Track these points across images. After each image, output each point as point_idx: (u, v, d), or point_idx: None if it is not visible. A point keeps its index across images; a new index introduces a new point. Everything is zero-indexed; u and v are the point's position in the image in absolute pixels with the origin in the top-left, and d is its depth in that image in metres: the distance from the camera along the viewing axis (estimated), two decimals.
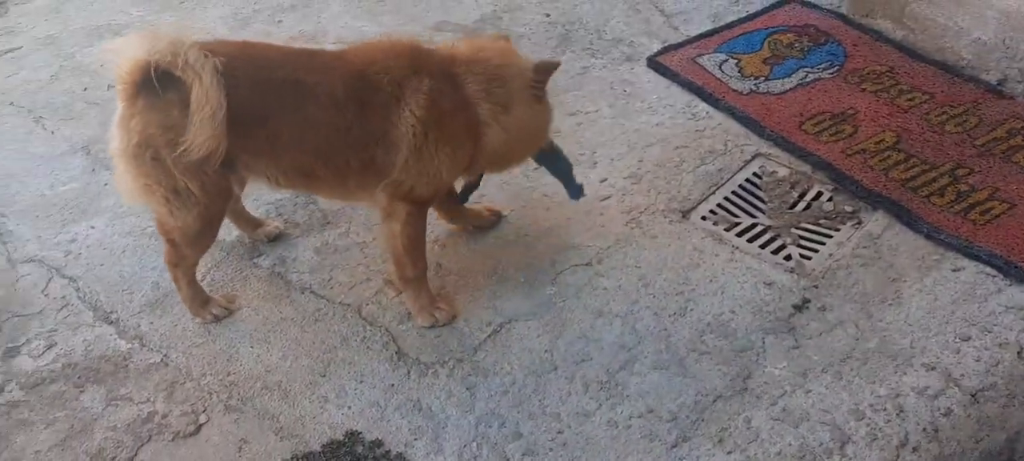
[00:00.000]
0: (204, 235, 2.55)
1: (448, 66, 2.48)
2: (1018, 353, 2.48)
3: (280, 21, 4.32)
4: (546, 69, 2.56)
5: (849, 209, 3.06)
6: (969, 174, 3.14)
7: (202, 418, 2.44)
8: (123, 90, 2.31)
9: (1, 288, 2.88)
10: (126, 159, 2.38)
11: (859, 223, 3.00)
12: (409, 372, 2.54)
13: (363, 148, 2.41)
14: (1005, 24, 3.68)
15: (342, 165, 2.44)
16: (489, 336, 2.64)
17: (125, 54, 2.26)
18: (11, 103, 3.80)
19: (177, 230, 2.49)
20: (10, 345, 2.68)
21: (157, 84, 2.23)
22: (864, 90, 3.62)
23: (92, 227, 3.11)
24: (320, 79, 2.38)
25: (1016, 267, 2.75)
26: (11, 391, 2.54)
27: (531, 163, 3.27)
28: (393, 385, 2.51)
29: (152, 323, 2.73)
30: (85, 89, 3.85)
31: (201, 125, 2.20)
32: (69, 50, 4.16)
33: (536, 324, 2.68)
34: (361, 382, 2.52)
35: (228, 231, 3.03)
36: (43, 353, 2.65)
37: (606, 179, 3.24)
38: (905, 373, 2.47)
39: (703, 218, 3.08)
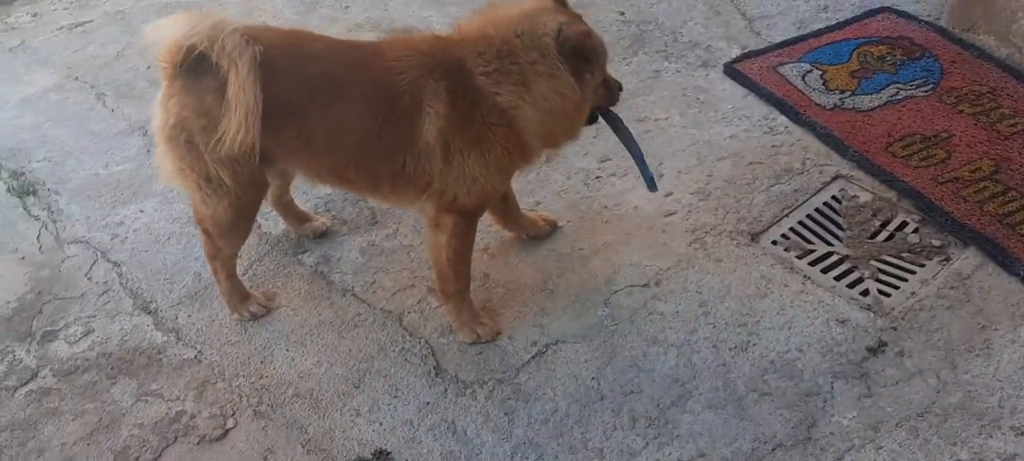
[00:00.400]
0: (237, 226, 2.45)
1: (459, 56, 2.23)
2: None
3: (347, 7, 4.24)
4: (575, 40, 2.20)
5: (936, 243, 2.80)
6: None
7: (230, 423, 2.35)
8: (164, 69, 2.25)
9: (46, 269, 2.87)
10: (164, 139, 2.32)
11: (947, 260, 2.74)
12: (446, 390, 2.41)
13: (392, 155, 2.27)
14: None
15: (373, 171, 2.32)
16: (533, 357, 2.49)
17: (167, 33, 2.19)
18: (76, 78, 3.81)
19: (209, 219, 2.42)
20: (49, 328, 2.65)
21: (195, 67, 2.16)
22: (961, 112, 3.32)
23: (141, 211, 3.07)
24: (354, 77, 2.25)
25: None
26: (44, 377, 2.51)
27: (593, 174, 3.12)
28: (428, 403, 2.38)
29: (190, 316, 2.67)
30: (148, 67, 3.82)
31: (235, 118, 2.11)
32: (137, 26, 4.15)
33: (584, 348, 2.51)
34: (395, 397, 2.40)
35: (275, 224, 2.95)
36: (79, 339, 2.61)
37: (672, 194, 3.04)
38: (991, 436, 2.22)
39: (774, 243, 2.86)
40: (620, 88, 2.45)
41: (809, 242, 2.86)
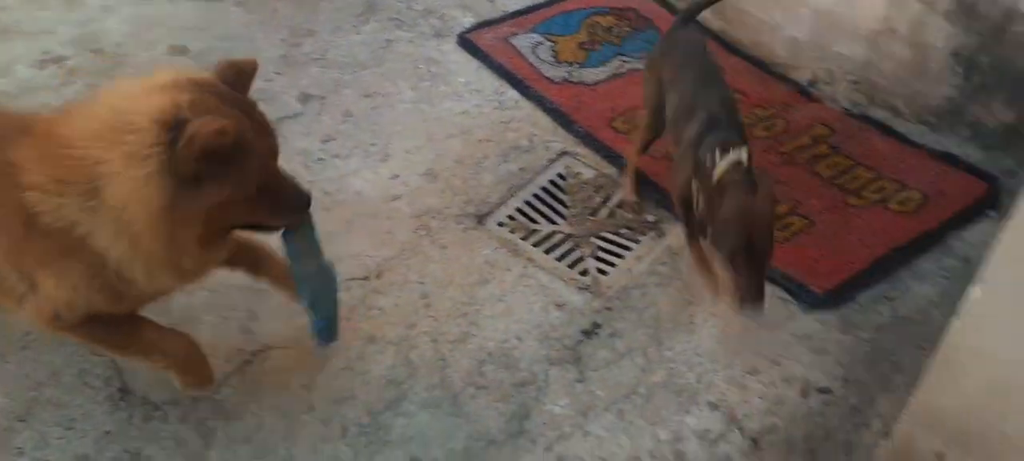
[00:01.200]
0: None
1: (13, 159, 1.71)
2: (801, 391, 2.38)
3: None
4: (199, 139, 1.59)
5: (651, 219, 2.89)
6: None
7: None
8: None
9: None
10: None
11: (660, 235, 2.83)
12: (132, 416, 2.15)
13: None
14: (819, 22, 3.60)
15: None
16: (237, 369, 2.29)
17: None
18: None
19: None
20: None
21: None
22: None
23: None
24: None
25: (809, 292, 2.65)
26: None
27: (314, 155, 2.91)
28: (109, 432, 2.11)
29: None
30: None
31: None
32: None
33: (296, 353, 2.34)
34: (69, 429, 2.11)
35: None
36: None
37: (398, 176, 2.92)
38: (689, 412, 2.31)
39: (500, 224, 2.82)
40: (306, 202, 1.89)
41: (534, 222, 2.86)
